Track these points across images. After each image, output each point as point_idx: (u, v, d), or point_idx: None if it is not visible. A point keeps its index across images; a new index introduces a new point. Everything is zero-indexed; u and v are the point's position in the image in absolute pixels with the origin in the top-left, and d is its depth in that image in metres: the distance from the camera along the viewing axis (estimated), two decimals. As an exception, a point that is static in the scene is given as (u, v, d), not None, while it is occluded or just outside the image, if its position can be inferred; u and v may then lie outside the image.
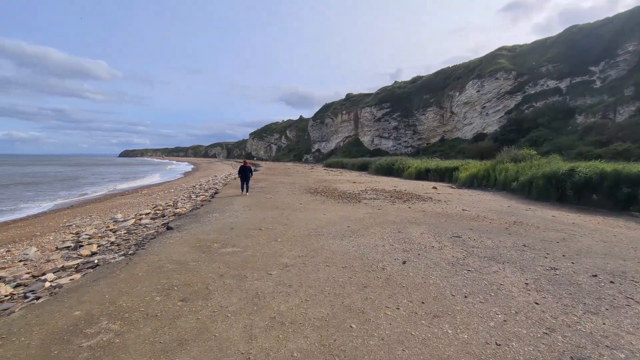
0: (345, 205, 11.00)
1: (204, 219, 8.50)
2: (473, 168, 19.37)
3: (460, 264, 4.95)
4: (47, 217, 18.11)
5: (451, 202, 12.44)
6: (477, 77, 46.83)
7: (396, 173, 27.22)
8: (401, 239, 6.47)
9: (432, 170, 23.41)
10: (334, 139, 69.40)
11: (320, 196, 13.35)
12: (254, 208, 10.19)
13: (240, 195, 13.73)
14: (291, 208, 10.24)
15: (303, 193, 14.39)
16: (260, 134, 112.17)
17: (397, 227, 7.53)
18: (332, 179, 23.52)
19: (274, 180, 21.70)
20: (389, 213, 9.62)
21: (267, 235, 6.69)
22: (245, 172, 14.91)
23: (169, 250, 5.62)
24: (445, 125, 50.05)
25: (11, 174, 46.97)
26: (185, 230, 7.25)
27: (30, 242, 12.00)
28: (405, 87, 57.35)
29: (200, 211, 9.95)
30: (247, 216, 8.84)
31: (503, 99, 43.70)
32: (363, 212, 9.79)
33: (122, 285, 4.15)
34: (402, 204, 11.75)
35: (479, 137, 44.13)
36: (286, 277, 4.38)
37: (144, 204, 19.80)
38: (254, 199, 12.49)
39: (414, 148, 52.06)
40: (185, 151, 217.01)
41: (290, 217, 8.75)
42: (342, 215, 9.04)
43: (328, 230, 7.14)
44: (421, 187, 17.72)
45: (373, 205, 11.11)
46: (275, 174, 29.59)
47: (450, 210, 10.51)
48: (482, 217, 9.22)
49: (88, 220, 15.69)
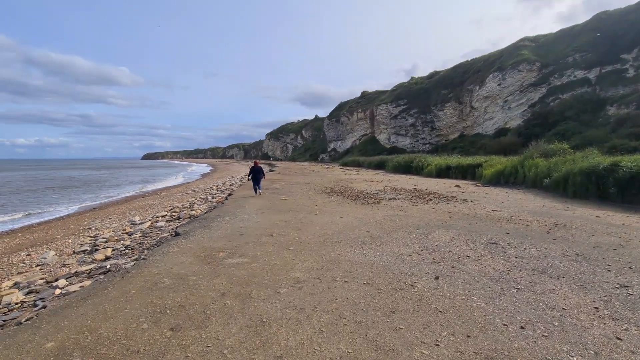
0: (363, 207, 10.21)
1: (214, 223, 7.93)
2: (499, 164, 18.09)
3: (506, 280, 4.09)
4: (70, 219, 18.24)
5: (478, 201, 11.41)
6: (498, 69, 44.76)
7: (415, 171, 26.08)
8: (429, 246, 5.64)
9: (454, 167, 22.20)
10: (349, 137, 68.33)
11: (336, 197, 12.60)
12: (267, 211, 9.56)
13: (253, 197, 13.16)
14: (306, 210, 9.55)
15: (318, 194, 13.68)
16: (276, 134, 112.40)
17: (423, 232, 6.69)
18: (349, 178, 22.71)
19: (289, 180, 21.11)
20: (411, 215, 8.77)
21: (278, 242, 6.02)
22: (257, 173, 14.36)
23: (170, 261, 5.04)
24: (465, 121, 48.16)
25: (41, 179, 48.71)
26: (192, 236, 6.69)
27: (49, 246, 11.92)
28: (422, 82, 55.65)
29: (212, 214, 9.41)
30: (259, 220, 8.21)
31: (526, 92, 41.55)
32: (383, 214, 8.97)
33: (110, 306, 3.57)
34: (424, 204, 10.83)
35: (500, 132, 42.12)
36: (297, 296, 3.68)
37: (162, 205, 19.69)
38: (267, 200, 11.88)
39: (432, 145, 50.38)
40: (204, 153, 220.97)
41: (304, 220, 8.06)
42: (361, 218, 8.26)
43: (346, 236, 6.39)
44: (443, 186, 16.64)
45: (393, 207, 10.26)
46: (291, 174, 29.05)
47: (479, 211, 9.53)
48: (516, 219, 8.22)
49: (107, 223, 15.61)
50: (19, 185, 36.68)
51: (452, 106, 49.14)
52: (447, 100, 49.78)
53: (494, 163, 19.57)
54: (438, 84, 52.42)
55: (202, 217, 9.26)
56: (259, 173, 14.39)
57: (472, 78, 48.29)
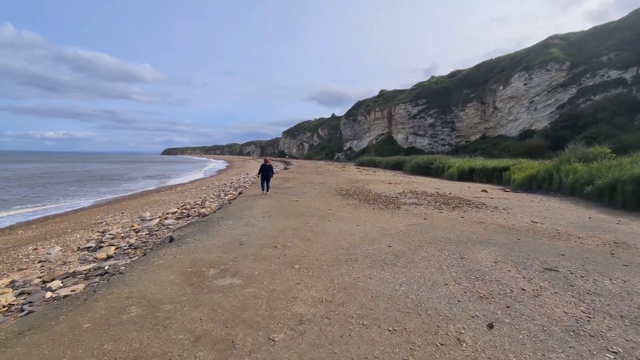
0: (382, 213, 9.02)
1: (214, 228, 6.96)
2: (530, 168, 16.43)
3: (590, 334, 2.87)
4: (85, 212, 17.93)
5: (512, 210, 10.00)
6: (524, 69, 42.28)
7: (435, 173, 24.51)
8: (469, 271, 4.43)
9: (478, 170, 20.56)
10: (366, 137, 66.67)
11: (352, 199, 11.45)
12: (275, 214, 8.52)
13: (262, 197, 12.17)
14: (318, 215, 8.45)
15: (333, 195, 12.55)
16: (292, 133, 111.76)
17: (457, 249, 5.47)
18: (365, 178, 21.46)
19: (302, 179, 20.08)
20: (438, 225, 7.53)
21: (282, 257, 4.96)
22: (266, 171, 13.66)
23: (149, 279, 4.07)
24: (487, 122, 45.81)
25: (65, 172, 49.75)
26: (186, 243, 5.73)
27: (58, 240, 11.43)
28: (443, 81, 53.44)
29: (215, 216, 8.48)
30: (265, 225, 7.18)
31: (555, 92, 38.97)
32: (405, 222, 7.77)
33: (46, 350, 2.62)
34: (451, 211, 9.53)
35: (526, 134, 39.71)
36: (298, 348, 2.60)
37: (175, 201, 19.15)
38: (277, 201, 10.86)
39: (452, 146, 48.24)
40: (222, 149, 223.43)
41: (315, 228, 6.97)
42: (380, 227, 7.10)
43: (363, 252, 5.25)
44: (468, 190, 15.18)
45: (416, 213, 9.02)
46: (306, 172, 28.03)
47: (516, 222, 8.17)
48: (565, 235, 6.84)
49: (118, 218, 15.10)
50: (44, 177, 37.37)
51: (474, 106, 46.86)
52: (468, 100, 47.54)
53: (523, 167, 17.87)
54: (460, 83, 50.14)
55: (204, 219, 8.32)
56: (268, 171, 13.70)
57: (496, 77, 45.88)
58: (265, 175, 13.61)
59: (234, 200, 12.17)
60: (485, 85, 46.76)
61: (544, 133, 36.71)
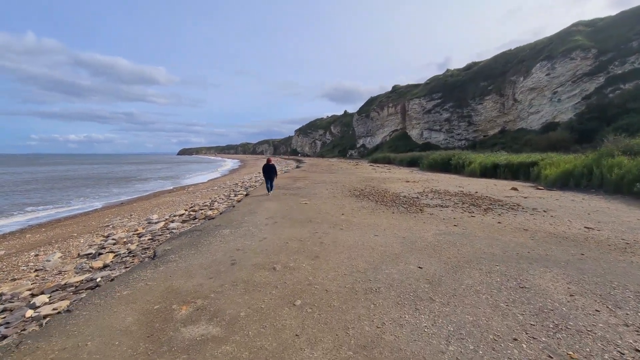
0: (403, 218, 7.67)
1: (207, 239, 5.83)
2: (565, 163, 14.62)
3: None
4: (95, 214, 17.36)
5: (554, 212, 8.46)
6: (546, 58, 39.65)
7: (454, 169, 22.76)
8: (538, 311, 3.07)
9: (502, 166, 18.76)
10: (379, 133, 64.68)
11: (368, 201, 10.12)
12: (280, 221, 7.33)
13: (268, 199, 11.01)
14: (329, 221, 7.20)
15: (346, 196, 11.25)
16: (305, 131, 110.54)
17: (509, 271, 4.10)
18: (380, 176, 20.02)
19: (314, 178, 18.84)
20: (474, 234, 6.14)
21: (280, 285, 3.73)
22: (269, 171, 12.83)
23: (96, 325, 2.94)
24: (507, 115, 43.33)
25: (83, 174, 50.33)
26: (166, 263, 4.61)
27: (61, 246, 10.69)
28: (459, 74, 50.99)
29: (212, 223, 7.37)
30: (266, 236, 5.99)
31: (580, 82, 36.31)
32: (433, 230, 6.42)
33: None
34: (483, 214, 8.09)
35: (548, 127, 37.21)
36: None
37: (184, 202, 18.35)
38: (284, 204, 9.67)
39: (469, 141, 45.93)
40: (236, 149, 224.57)
41: (325, 239, 5.72)
42: (404, 238, 5.78)
43: (386, 277, 3.96)
44: (495, 188, 13.56)
45: (443, 218, 7.63)
46: (318, 171, 26.79)
47: (565, 228, 6.68)
48: (638, 246, 5.35)
49: (126, 221, 14.33)
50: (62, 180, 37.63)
51: (492, 99, 44.41)
52: (486, 92, 45.10)
53: (555, 161, 16.05)
54: (476, 75, 47.65)
55: (200, 227, 7.21)
56: (271, 171, 12.85)
57: (516, 68, 43.30)
58: (268, 176, 12.89)
59: (237, 204, 11.08)
60: (503, 77, 44.24)
61: (569, 125, 34.19)
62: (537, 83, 39.43)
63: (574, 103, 36.06)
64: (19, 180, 35.65)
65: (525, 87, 40.61)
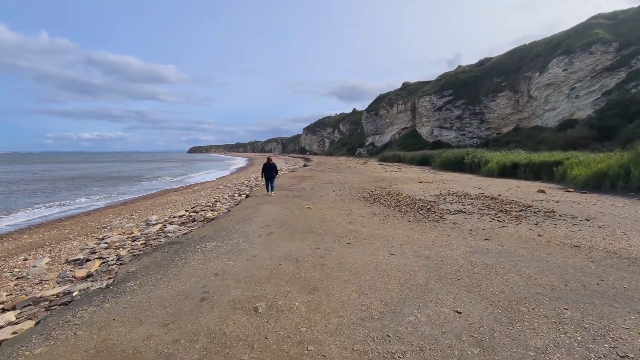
0: (422, 228, 6.37)
1: (182, 259, 4.65)
2: (596, 163, 13.01)
3: None
4: (97, 214, 16.54)
5: (598, 220, 7.03)
6: (563, 53, 37.44)
7: (469, 169, 21.17)
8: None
9: (522, 165, 17.17)
10: (388, 131, 62.84)
11: (379, 205, 8.82)
12: (277, 230, 6.12)
13: (268, 202, 9.82)
14: (334, 233, 5.95)
15: (355, 199, 9.98)
16: (313, 129, 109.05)
17: (586, 319, 2.80)
18: (391, 176, 18.64)
19: (321, 178, 17.59)
20: (513, 252, 4.82)
21: (258, 344, 2.50)
22: (270, 171, 11.98)
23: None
24: (521, 112, 41.21)
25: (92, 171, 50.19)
26: (117, 297, 3.44)
27: (53, 249, 9.74)
28: (471, 71, 48.87)
29: (199, 234, 6.23)
30: (256, 253, 4.78)
31: (600, 78, 34.10)
32: (461, 246, 5.11)
33: None
34: (516, 224, 6.73)
35: (566, 124, 35.12)
36: None
37: (188, 202, 17.41)
38: (285, 208, 8.46)
39: (481, 139, 43.92)
40: (245, 147, 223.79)
41: (328, 259, 4.48)
42: (427, 258, 4.49)
43: (413, 331, 2.69)
44: (519, 190, 12.08)
45: (470, 228, 6.30)
46: (325, 170, 25.52)
47: (624, 244, 5.28)
48: None
49: (125, 221, 13.38)
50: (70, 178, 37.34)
51: (506, 96, 42.29)
52: (500, 89, 42.98)
53: (582, 161, 14.44)
54: (489, 71, 45.51)
55: (179, 239, 6.04)
56: (272, 170, 12.00)
57: (531, 64, 41.11)
58: (268, 175, 12.01)
59: (236, 207, 9.95)
60: (518, 73, 42.06)
61: (588, 122, 32.13)
62: (553, 79, 37.31)
63: (593, 99, 33.94)
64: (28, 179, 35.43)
65: (541, 83, 38.51)
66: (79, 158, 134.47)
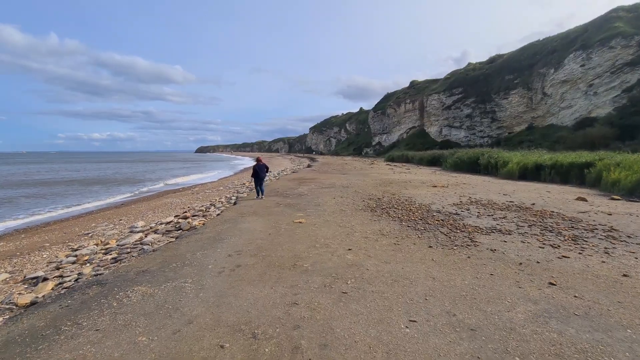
0: (449, 260, 4.36)
1: (73, 327, 2.85)
2: None
3: None
4: (86, 218, 15.01)
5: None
6: (581, 48, 34.78)
7: (484, 170, 18.98)
8: None
9: (547, 166, 14.97)
10: (396, 130, 60.42)
11: (388, 220, 6.87)
12: (247, 263, 4.19)
13: (254, 214, 7.94)
14: (325, 270, 4.01)
15: (358, 209, 8.04)
16: (319, 128, 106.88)
17: None
18: (400, 179, 16.61)
19: (322, 181, 15.68)
20: (605, 313, 2.87)
21: None
22: (260, 172, 10.56)
23: None
24: (535, 110, 38.59)
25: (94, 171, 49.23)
26: None
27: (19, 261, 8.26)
28: (481, 68, 46.23)
29: (133, 269, 4.46)
30: (197, 313, 2.88)
31: (620, 73, 31.43)
32: (521, 303, 3.09)
33: None
34: (578, 252, 4.74)
35: (583, 123, 32.52)
36: None
37: (183, 205, 15.81)
38: (270, 223, 6.57)
39: (492, 138, 41.39)
40: (251, 146, 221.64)
41: (307, 332, 2.59)
42: (471, 330, 2.57)
43: None
44: (552, 197, 9.97)
45: (519, 262, 4.31)
46: (329, 171, 23.59)
47: None
48: None
49: (111, 227, 11.77)
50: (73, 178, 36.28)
51: (519, 93, 39.68)
52: (512, 86, 40.37)
53: (620, 162, 12.26)
54: (501, 68, 42.86)
55: (105, 279, 4.18)
56: (262, 172, 10.68)
57: (545, 60, 38.43)
58: (258, 178, 10.55)
59: (212, 220, 8.13)
60: (531, 70, 39.40)
61: (607, 120, 29.52)
62: (570, 75, 34.70)
63: (613, 96, 31.28)
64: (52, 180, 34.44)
65: (556, 80, 35.88)
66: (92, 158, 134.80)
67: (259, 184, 10.49)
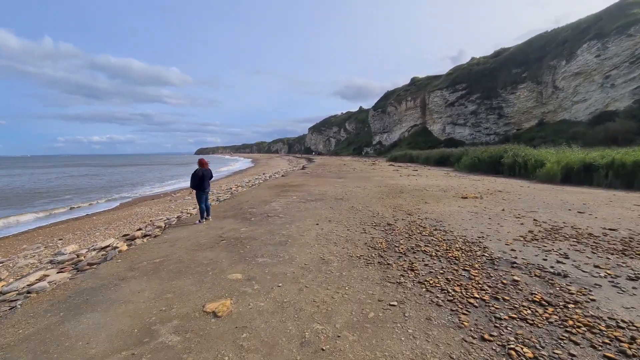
0: None
1: None
2: None
3: None
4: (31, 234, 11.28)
5: None
6: (595, 37, 30.62)
7: (510, 172, 15.00)
8: None
9: (601, 166, 11.05)
10: (397, 129, 56.27)
11: (420, 293, 2.90)
12: None
13: (142, 274, 3.88)
14: None
15: (354, 256, 4.09)
16: (318, 128, 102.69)
17: None
18: (411, 184, 12.67)
19: (310, 189, 11.74)
20: None
21: None
22: (203, 182, 6.92)
23: None
24: (545, 105, 34.46)
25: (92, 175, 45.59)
26: None
27: None
28: (486, 62, 42.10)
29: None
30: None
31: (639, 63, 27.24)
32: None
33: None
34: None
35: (600, 117, 28.43)
36: None
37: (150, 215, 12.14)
38: (165, 301, 2.69)
39: (499, 135, 37.33)
40: (251, 148, 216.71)
41: None
42: None
43: None
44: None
45: None
46: (323, 174, 19.66)
47: None
48: None
49: (38, 251, 7.95)
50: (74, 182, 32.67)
51: (528, 87, 35.53)
52: (520, 80, 36.23)
53: None
54: (507, 62, 38.71)
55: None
56: (205, 181, 6.98)
57: (556, 51, 34.21)
58: (201, 190, 6.89)
59: (71, 280, 4.32)
60: (540, 63, 35.19)
61: (628, 114, 25.45)
62: (583, 67, 30.55)
63: (633, 88, 27.13)
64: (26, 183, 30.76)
65: (568, 72, 31.73)
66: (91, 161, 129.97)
67: (202, 199, 6.71)
